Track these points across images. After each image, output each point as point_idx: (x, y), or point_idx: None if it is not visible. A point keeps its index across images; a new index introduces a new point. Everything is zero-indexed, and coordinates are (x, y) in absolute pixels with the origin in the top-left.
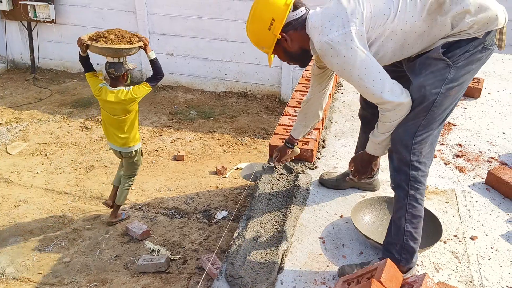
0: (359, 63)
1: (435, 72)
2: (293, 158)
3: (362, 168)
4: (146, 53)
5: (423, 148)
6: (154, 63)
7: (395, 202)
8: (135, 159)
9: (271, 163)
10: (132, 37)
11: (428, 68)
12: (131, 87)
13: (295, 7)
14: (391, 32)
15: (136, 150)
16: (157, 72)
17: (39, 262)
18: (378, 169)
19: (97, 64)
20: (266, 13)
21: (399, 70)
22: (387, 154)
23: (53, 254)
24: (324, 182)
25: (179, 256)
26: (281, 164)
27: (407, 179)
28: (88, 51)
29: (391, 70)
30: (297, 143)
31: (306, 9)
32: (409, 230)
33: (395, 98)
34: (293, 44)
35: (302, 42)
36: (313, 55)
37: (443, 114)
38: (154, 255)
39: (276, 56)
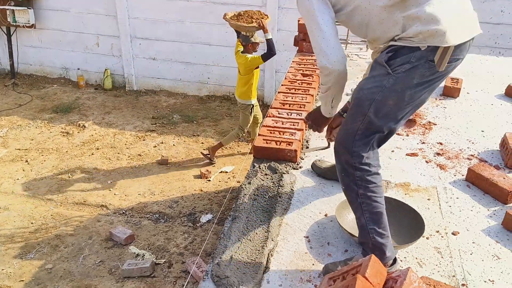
0: (314, 15)
1: (376, 77)
2: None
3: (313, 121)
4: (264, 33)
5: (364, 152)
6: (268, 43)
7: (349, 203)
8: (246, 112)
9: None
10: (257, 19)
11: (372, 71)
12: (252, 56)
13: None
14: (357, 6)
15: (248, 105)
16: (270, 50)
17: (20, 270)
18: None
19: (78, 68)
20: None
21: None
22: None
23: (35, 261)
24: (314, 168)
25: (164, 260)
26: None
27: (354, 179)
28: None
29: None
30: None
31: None
32: (372, 227)
33: (324, 60)
34: None
35: None
36: None
37: (381, 122)
38: (139, 260)
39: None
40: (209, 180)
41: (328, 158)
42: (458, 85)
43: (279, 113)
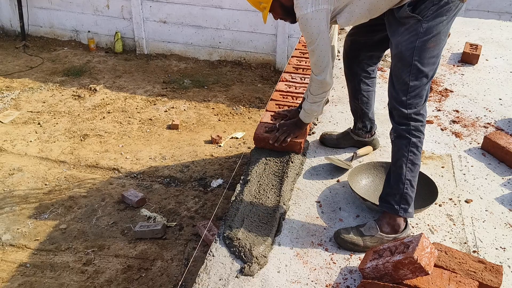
0: (318, 40)
1: (409, 28)
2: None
3: (288, 130)
4: None
5: (417, 102)
6: None
7: (396, 151)
8: None
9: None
10: None
11: (402, 26)
12: None
13: None
14: None
15: None
16: None
17: (35, 229)
18: (375, 126)
19: (88, 31)
20: None
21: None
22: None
23: (50, 221)
24: (324, 141)
25: (175, 223)
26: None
27: (408, 129)
28: None
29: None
30: None
31: None
32: (409, 178)
33: (328, 77)
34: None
35: None
36: None
37: (427, 67)
38: (150, 222)
39: (271, 16)
40: (220, 146)
41: (338, 129)
42: (477, 51)
43: (292, 78)
